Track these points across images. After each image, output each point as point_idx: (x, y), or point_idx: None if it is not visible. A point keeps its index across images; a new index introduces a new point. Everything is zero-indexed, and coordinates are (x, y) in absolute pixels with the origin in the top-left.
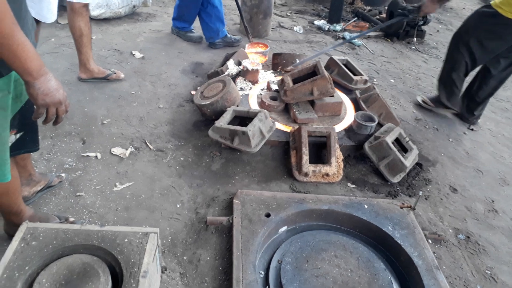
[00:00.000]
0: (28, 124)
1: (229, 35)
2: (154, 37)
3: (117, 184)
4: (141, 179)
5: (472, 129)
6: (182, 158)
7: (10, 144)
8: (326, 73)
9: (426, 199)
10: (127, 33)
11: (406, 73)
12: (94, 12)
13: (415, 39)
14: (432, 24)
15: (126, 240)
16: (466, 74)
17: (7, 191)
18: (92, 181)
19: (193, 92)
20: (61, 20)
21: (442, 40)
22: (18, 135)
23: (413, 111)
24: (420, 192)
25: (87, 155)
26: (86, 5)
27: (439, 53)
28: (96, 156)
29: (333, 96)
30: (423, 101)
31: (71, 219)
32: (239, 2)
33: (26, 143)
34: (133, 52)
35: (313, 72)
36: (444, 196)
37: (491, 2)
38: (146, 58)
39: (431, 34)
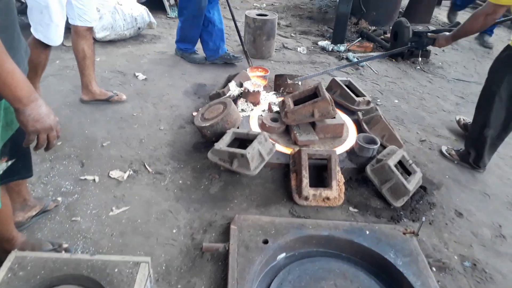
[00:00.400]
0: (20, 151)
1: (229, 52)
2: (158, 59)
3: (113, 208)
4: (138, 203)
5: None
6: (180, 181)
7: (1, 172)
8: (327, 94)
9: (430, 224)
10: (131, 54)
11: (411, 93)
12: (99, 35)
13: (420, 59)
14: None
15: (116, 269)
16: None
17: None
18: (88, 205)
19: (194, 113)
20: (66, 43)
21: (447, 60)
22: (9, 162)
23: (417, 132)
24: (424, 217)
25: (85, 178)
26: (90, 28)
27: (444, 72)
28: (94, 180)
29: (334, 117)
30: (447, 152)
31: (65, 245)
32: (238, 26)
33: (19, 169)
34: (136, 74)
35: (314, 94)
36: (449, 220)
37: (510, 43)
38: (149, 79)
39: (436, 54)
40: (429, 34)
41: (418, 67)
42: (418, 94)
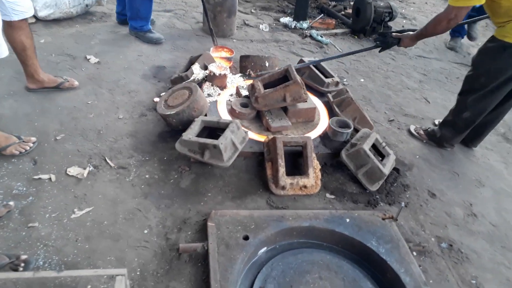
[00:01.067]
0: None
1: (151, 32)
2: (110, 39)
3: (75, 210)
4: (102, 202)
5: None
6: (147, 176)
7: None
8: (298, 78)
9: (406, 206)
10: (80, 35)
11: (375, 72)
12: (42, 13)
13: None
14: (397, 19)
15: (89, 286)
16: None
17: None
18: (46, 208)
19: (155, 99)
20: None
21: None
22: None
23: (385, 111)
24: (403, 203)
25: (39, 178)
26: (25, 18)
27: (406, 49)
28: (50, 178)
29: (306, 101)
30: (416, 132)
31: (24, 257)
32: (204, 1)
33: None
34: (88, 57)
35: (284, 77)
36: (423, 202)
37: (495, 34)
38: (102, 62)
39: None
40: (393, 34)
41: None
42: (382, 72)
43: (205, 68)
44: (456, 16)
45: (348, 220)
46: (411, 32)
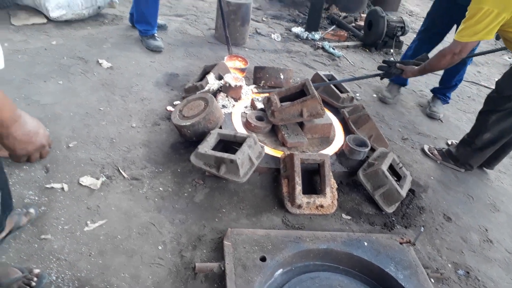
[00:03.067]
0: (2, 179)
1: (154, 38)
2: (122, 43)
3: (88, 222)
4: (116, 215)
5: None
6: (161, 188)
7: None
8: (316, 93)
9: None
10: (92, 38)
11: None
12: (54, 14)
13: (392, 50)
14: (410, 34)
15: None
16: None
17: None
18: (59, 219)
19: (168, 108)
20: (14, 21)
21: None
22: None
23: (398, 129)
24: (422, 228)
25: (52, 187)
26: None
27: None
28: (63, 188)
29: (323, 117)
30: (430, 151)
31: (36, 271)
32: (223, 8)
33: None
34: (100, 61)
35: (301, 91)
36: (439, 225)
37: None
38: (115, 67)
39: (407, 45)
40: (397, 64)
41: (392, 59)
42: None
43: (220, 78)
44: (461, 52)
45: (366, 243)
46: (415, 67)
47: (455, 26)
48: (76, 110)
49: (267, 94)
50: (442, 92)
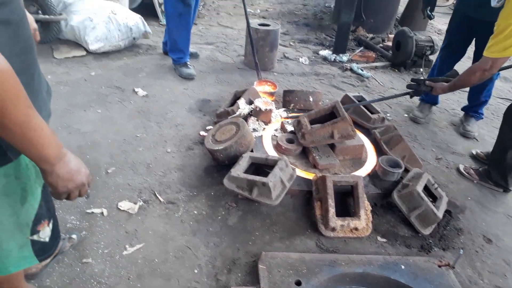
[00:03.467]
0: (53, 208)
1: (187, 66)
2: (156, 72)
3: (127, 246)
4: (153, 239)
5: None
6: (195, 211)
7: (47, 239)
8: (346, 115)
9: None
10: (128, 67)
11: (417, 105)
12: (93, 46)
13: (422, 69)
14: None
15: None
16: None
17: (8, 278)
18: (99, 243)
19: (201, 133)
20: (57, 55)
21: None
22: (51, 225)
23: (432, 149)
24: (461, 250)
25: (92, 212)
26: None
27: None
28: (102, 213)
29: (354, 138)
30: (465, 171)
31: None
32: (252, 35)
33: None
34: (136, 89)
35: (331, 113)
36: (479, 248)
37: None
38: (150, 95)
39: None
40: (427, 82)
41: (421, 77)
42: None
43: (250, 102)
44: (492, 67)
45: (403, 266)
46: (445, 83)
47: (474, 41)
48: (114, 137)
49: (295, 116)
50: (473, 110)
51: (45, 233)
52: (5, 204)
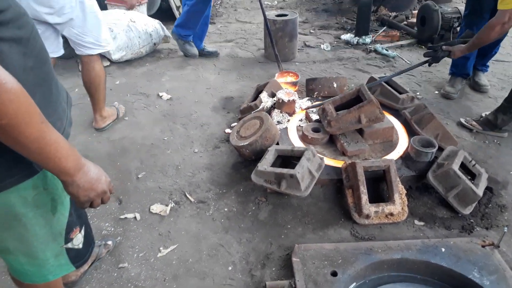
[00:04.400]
0: (84, 215)
1: (204, 47)
2: (179, 75)
3: (161, 248)
4: (186, 239)
5: None
6: (226, 209)
7: (81, 245)
8: (372, 97)
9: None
10: (151, 73)
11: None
12: (115, 56)
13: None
14: None
15: None
16: None
17: (47, 286)
18: (134, 247)
19: (227, 131)
20: None
21: None
22: (83, 232)
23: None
24: (505, 228)
25: (125, 217)
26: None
27: None
28: (135, 217)
29: (382, 121)
30: (467, 122)
31: None
32: (269, 27)
33: (89, 237)
34: (160, 94)
35: (357, 97)
36: None
37: None
38: (174, 98)
39: None
40: (443, 47)
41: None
42: None
43: (273, 95)
44: (510, 19)
45: (443, 249)
46: (462, 45)
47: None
48: (142, 142)
49: (318, 105)
50: (481, 63)
51: (78, 240)
52: (37, 215)
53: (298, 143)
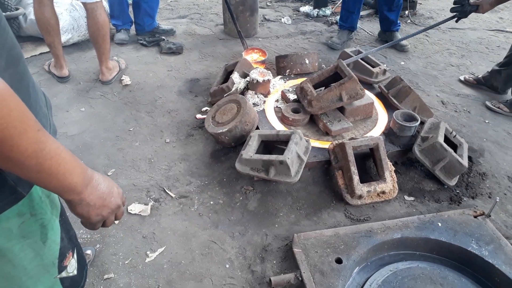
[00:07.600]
0: (74, 237)
1: (159, 26)
2: (134, 57)
3: (148, 252)
4: (174, 239)
5: None
6: (211, 202)
7: (75, 271)
8: (352, 74)
9: (489, 197)
10: None
11: (412, 52)
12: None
13: (407, 11)
14: None
15: None
16: None
17: None
18: (117, 254)
19: (198, 116)
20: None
21: (434, 8)
22: (75, 255)
23: (437, 94)
24: (497, 198)
25: None
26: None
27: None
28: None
29: (363, 97)
30: (465, 80)
31: None
32: (229, 0)
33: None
34: (122, 78)
35: (335, 74)
36: (506, 190)
37: None
38: (133, 83)
39: (420, 3)
40: (471, 1)
41: (409, 21)
42: (420, 51)
43: (245, 75)
44: None
45: (440, 224)
46: None
47: None
48: (106, 135)
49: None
50: (394, 24)
51: (72, 266)
52: (25, 247)
53: (278, 126)
